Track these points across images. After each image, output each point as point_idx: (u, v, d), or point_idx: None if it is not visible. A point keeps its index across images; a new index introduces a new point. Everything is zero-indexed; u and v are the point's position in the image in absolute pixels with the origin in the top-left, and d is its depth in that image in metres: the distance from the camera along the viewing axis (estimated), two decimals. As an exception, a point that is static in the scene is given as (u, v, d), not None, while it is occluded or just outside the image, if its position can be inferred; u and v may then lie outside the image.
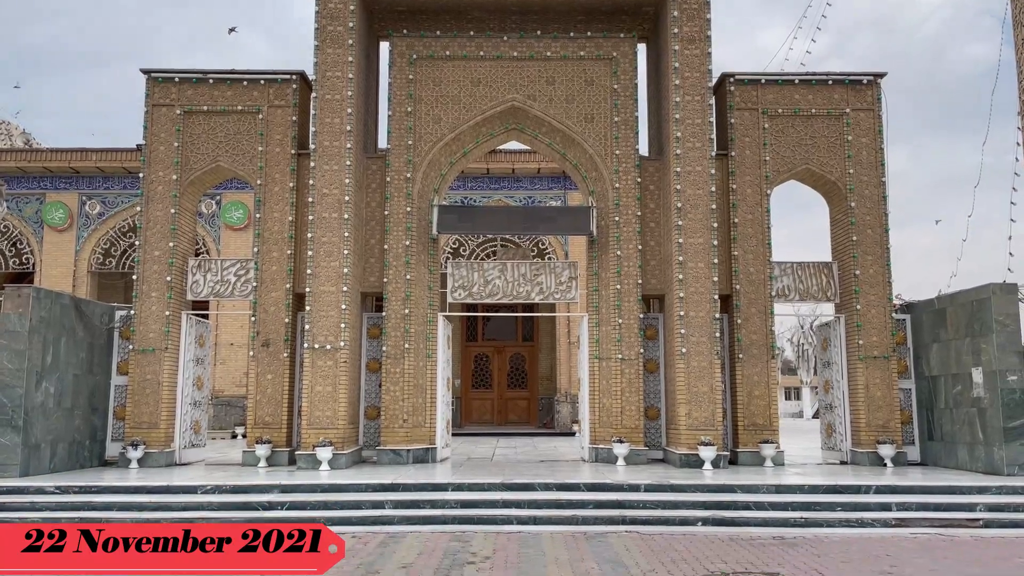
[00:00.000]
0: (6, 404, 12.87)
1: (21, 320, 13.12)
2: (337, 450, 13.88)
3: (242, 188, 25.08)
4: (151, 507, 11.07)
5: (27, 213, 26.21)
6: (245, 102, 15.66)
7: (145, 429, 14.73)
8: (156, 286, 15.22)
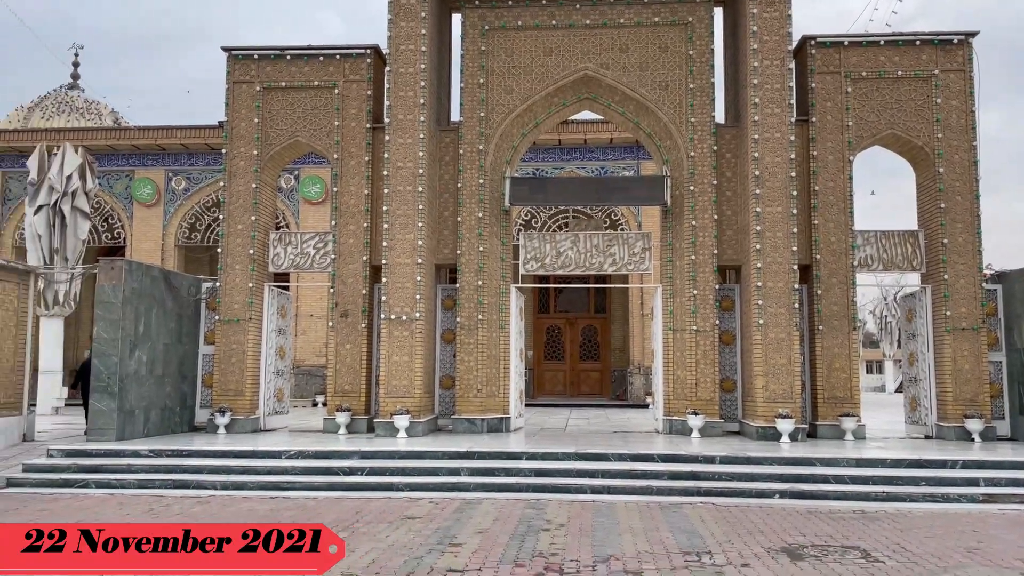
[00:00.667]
0: (102, 372, 13.56)
1: (115, 291, 13.76)
2: (414, 418, 14.18)
3: (319, 163, 25.59)
4: (238, 470, 11.54)
5: (117, 189, 27.36)
6: (322, 77, 15.93)
7: (231, 396, 15.32)
8: (239, 259, 15.72)
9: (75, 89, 37.70)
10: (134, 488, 11.05)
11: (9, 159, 27.59)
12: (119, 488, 11.06)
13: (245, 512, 9.49)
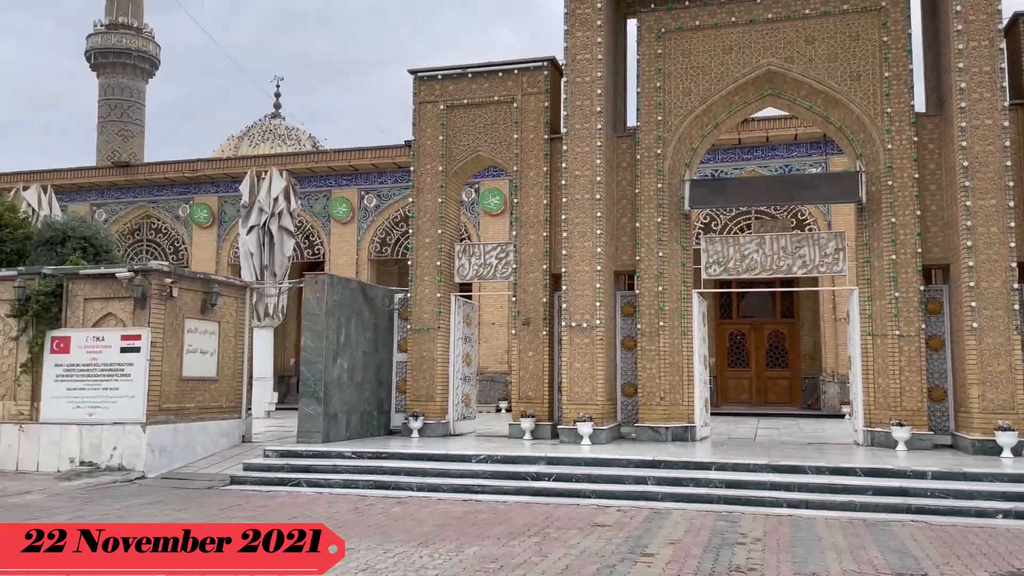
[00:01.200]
0: (309, 378, 14.63)
1: (319, 303, 14.81)
2: (597, 425, 14.20)
3: (498, 175, 26.30)
4: (432, 473, 12.05)
5: (316, 208, 29.48)
6: (501, 92, 16.38)
7: (423, 402, 16.04)
8: (428, 270, 16.45)
9: (277, 118, 41.13)
10: (340, 488, 11.83)
11: (224, 185, 30.46)
12: (327, 488, 11.88)
13: (441, 513, 9.89)
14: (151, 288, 13.77)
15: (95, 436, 13.60)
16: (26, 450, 13.94)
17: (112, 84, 46.50)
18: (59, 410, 13.92)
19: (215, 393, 15.20)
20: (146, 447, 13.34)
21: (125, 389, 13.66)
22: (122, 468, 13.28)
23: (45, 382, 14.08)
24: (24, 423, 14.02)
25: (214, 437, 14.97)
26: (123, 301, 13.95)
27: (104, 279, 14.13)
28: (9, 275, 14.50)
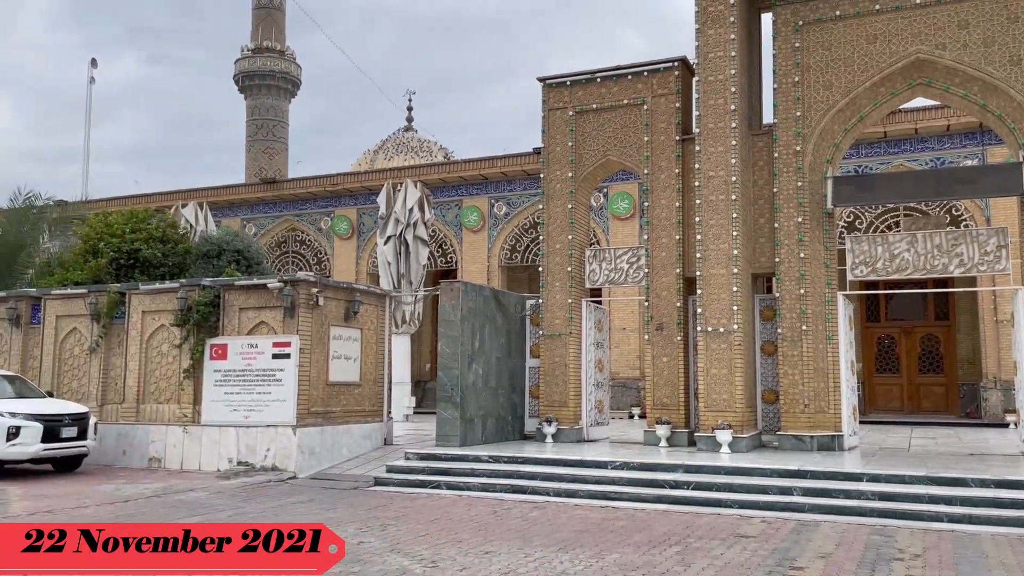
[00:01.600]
0: (446, 383, 14.97)
1: (454, 310, 15.15)
2: (736, 433, 13.78)
3: (627, 179, 26.09)
4: (568, 479, 12.06)
5: (448, 218, 30.21)
6: (630, 95, 16.24)
7: (556, 407, 16.09)
8: (558, 276, 16.50)
9: (410, 131, 42.48)
10: (478, 491, 12.03)
11: (362, 197, 31.72)
12: (465, 491, 12.11)
13: (579, 519, 9.88)
14: (299, 297, 14.50)
15: (250, 438, 14.45)
16: (189, 450, 14.97)
17: (258, 105, 49.45)
18: (218, 413, 14.88)
19: (358, 397, 15.83)
20: (296, 448, 14.05)
21: (277, 393, 14.43)
22: (275, 468, 14.04)
23: (205, 387, 15.08)
24: (187, 425, 15.06)
25: (358, 439, 15.58)
26: (274, 310, 14.76)
27: (256, 289, 15.00)
28: (172, 287, 15.64)
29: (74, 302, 16.56)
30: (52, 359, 16.68)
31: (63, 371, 16.61)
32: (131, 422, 15.61)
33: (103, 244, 17.93)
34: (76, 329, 16.55)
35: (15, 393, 14.46)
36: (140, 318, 15.87)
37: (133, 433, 15.48)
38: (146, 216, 18.92)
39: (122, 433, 15.54)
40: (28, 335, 17.09)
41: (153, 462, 15.17)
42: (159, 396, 15.57)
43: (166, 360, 15.61)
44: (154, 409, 15.55)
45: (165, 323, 15.64)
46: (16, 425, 13.12)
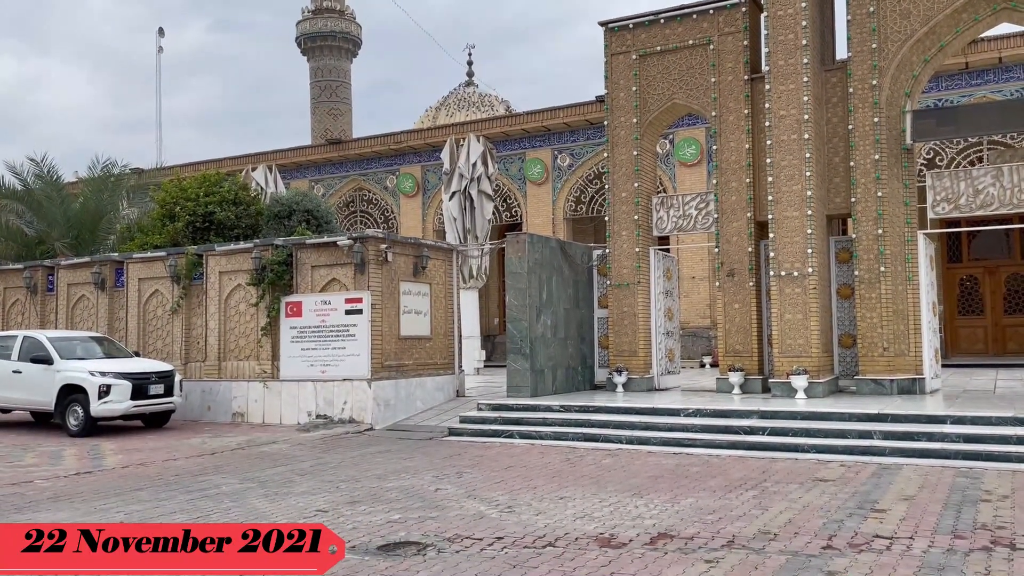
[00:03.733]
0: (515, 335, 15.05)
1: (520, 263, 15.15)
2: (812, 378, 13.52)
3: (693, 124, 25.49)
4: (640, 427, 12.05)
5: (512, 171, 30.09)
6: (695, 35, 15.75)
7: (626, 356, 16.03)
8: (625, 225, 16.31)
9: (471, 86, 42.26)
10: (550, 440, 12.15)
11: (426, 154, 31.82)
12: (537, 439, 12.24)
13: (652, 465, 9.89)
14: (368, 254, 14.70)
15: (328, 391, 14.85)
16: (270, 404, 15.48)
17: (321, 66, 49.80)
18: (295, 368, 15.31)
19: (430, 351, 16.06)
20: (372, 401, 14.38)
21: (351, 348, 14.76)
22: (352, 420, 14.42)
23: (282, 343, 15.51)
24: (267, 380, 15.55)
25: (431, 392, 15.85)
26: (345, 267, 15.02)
27: (327, 247, 15.26)
28: (247, 247, 16.03)
29: (154, 265, 17.15)
30: (137, 320, 17.37)
31: (148, 331, 17.30)
32: (214, 379, 16.19)
33: (179, 208, 18.44)
34: (158, 291, 17.17)
35: (104, 353, 15.14)
36: (217, 279, 16.36)
37: (216, 389, 16.07)
38: (218, 180, 19.35)
39: (206, 390, 16.15)
40: (113, 298, 17.81)
41: (236, 417, 15.75)
42: (239, 353, 16.09)
43: (244, 319, 16.08)
44: (235, 366, 16.09)
45: (241, 283, 16.08)
46: (107, 384, 13.76)
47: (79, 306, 18.33)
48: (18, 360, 14.80)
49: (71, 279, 18.40)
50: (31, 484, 9.43)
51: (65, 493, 8.84)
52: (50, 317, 18.62)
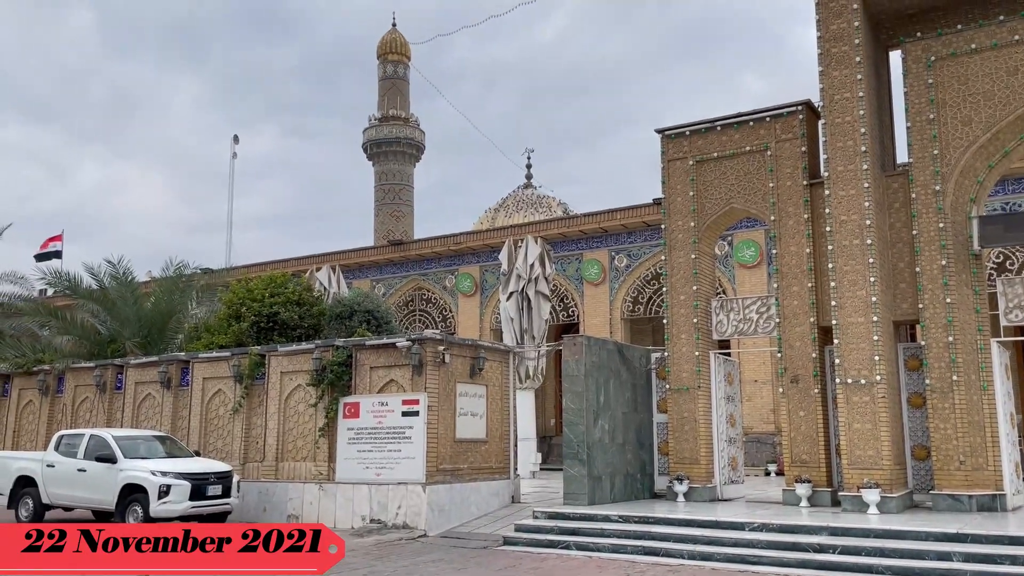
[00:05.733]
0: (572, 440, 14.80)
1: (578, 365, 15.04)
2: (885, 492, 12.90)
3: (751, 226, 25.48)
4: (703, 540, 11.57)
5: (569, 272, 30.31)
6: (752, 142, 15.91)
7: (687, 464, 15.57)
8: (684, 328, 16.14)
9: (529, 187, 43.21)
10: (608, 552, 11.73)
11: (483, 255, 32.35)
12: (595, 551, 11.83)
13: (716, 585, 9.45)
14: (426, 355, 14.79)
15: (382, 495, 14.71)
16: (325, 507, 15.38)
17: (385, 170, 51.69)
18: (351, 470, 15.26)
19: (485, 454, 15.88)
20: (426, 506, 14.18)
21: (406, 451, 14.68)
22: (406, 526, 14.20)
23: (339, 444, 15.53)
24: (323, 482, 15.51)
25: (486, 497, 15.57)
26: (402, 368, 15.12)
27: (386, 348, 15.43)
28: (308, 348, 16.31)
29: (219, 365, 17.54)
30: (199, 419, 17.66)
31: (209, 431, 17.54)
32: (271, 479, 16.23)
33: (245, 308, 18.97)
34: (221, 390, 17.49)
35: (166, 453, 15.35)
36: (279, 379, 16.61)
37: (273, 490, 16.07)
38: (284, 280, 19.93)
39: (263, 490, 16.17)
40: (178, 397, 18.19)
41: (291, 519, 15.65)
42: (296, 454, 16.15)
43: (303, 419, 16.21)
44: (292, 467, 16.12)
45: (301, 383, 16.28)
46: (167, 484, 13.89)
47: (145, 404, 18.75)
48: (83, 459, 15.10)
49: (139, 377, 18.91)
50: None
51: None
52: (116, 415, 19.07)
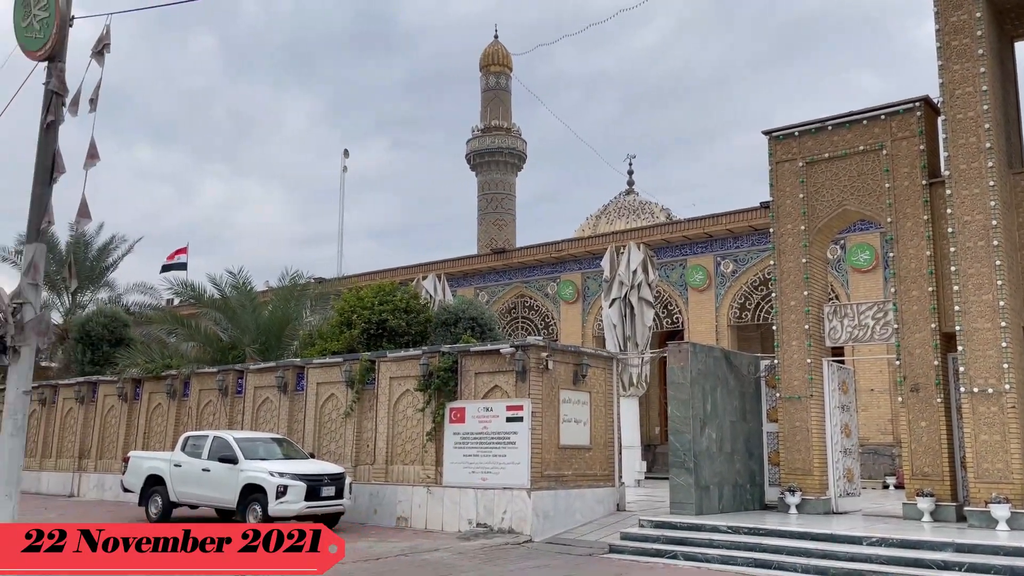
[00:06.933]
0: (678, 448, 14.59)
1: (683, 372, 14.82)
2: (1015, 508, 12.15)
3: (866, 229, 24.48)
4: (818, 554, 11.18)
5: (673, 278, 29.88)
6: (866, 141, 15.32)
7: (799, 475, 15.08)
8: (795, 335, 15.66)
9: (631, 194, 42.88)
10: (717, 563, 11.50)
11: (585, 262, 32.30)
12: (704, 562, 11.62)
13: (832, 600, 9.11)
14: (529, 362, 14.90)
15: (488, 500, 14.89)
16: (432, 510, 15.69)
17: (488, 180, 52.41)
18: (457, 475, 15.51)
19: (589, 461, 15.84)
20: (531, 512, 14.26)
21: (511, 456, 14.81)
22: (512, 531, 14.32)
23: (445, 449, 15.82)
24: (430, 486, 15.84)
25: (590, 504, 15.53)
26: (506, 374, 15.27)
27: (490, 355, 15.63)
28: (415, 354, 16.70)
29: (331, 370, 18.18)
30: (313, 422, 18.35)
31: (323, 433, 18.19)
32: (380, 482, 16.68)
33: (355, 316, 19.59)
34: (333, 395, 18.12)
35: (283, 454, 16.02)
36: (388, 384, 17.08)
37: (382, 493, 16.52)
38: (392, 289, 20.48)
39: (373, 492, 16.64)
40: (294, 401, 18.96)
41: (400, 521, 16.06)
42: (405, 457, 16.55)
43: (411, 423, 16.60)
44: (400, 470, 16.53)
45: (409, 388, 16.69)
46: (284, 484, 14.49)
47: (263, 408, 19.63)
48: (207, 459, 15.94)
49: (257, 382, 19.82)
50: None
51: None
52: (237, 418, 20.04)
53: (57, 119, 8.52)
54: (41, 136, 8.53)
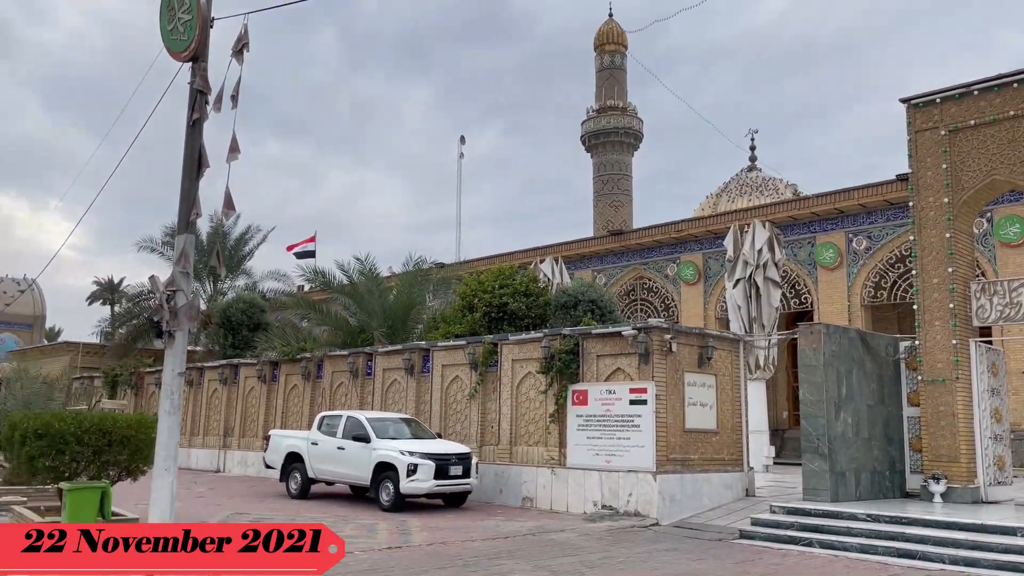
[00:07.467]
0: (811, 433, 14.06)
1: (816, 355, 14.25)
2: None
3: (1015, 200, 22.78)
4: (967, 545, 10.55)
5: (801, 257, 28.73)
6: (1017, 105, 14.18)
7: (944, 462, 14.25)
8: (938, 314, 14.75)
9: (753, 170, 41.49)
10: (856, 552, 11.03)
11: (707, 241, 31.52)
12: (841, 551, 11.17)
13: (986, 595, 8.57)
14: (652, 344, 14.70)
15: (612, 482, 14.84)
16: (557, 491, 15.79)
17: (604, 161, 51.91)
18: (581, 457, 15.53)
19: (716, 445, 15.51)
20: (657, 495, 14.11)
21: (635, 439, 14.70)
22: (637, 514, 14.23)
23: (569, 431, 15.86)
24: (555, 467, 15.93)
25: (718, 489, 15.22)
26: (629, 357, 15.14)
27: (612, 337, 15.53)
28: (536, 337, 16.80)
29: (455, 353, 18.55)
30: (439, 404, 18.79)
31: (448, 414, 18.62)
32: (505, 463, 16.92)
33: (477, 300, 19.90)
34: (458, 377, 18.50)
35: (412, 434, 16.50)
36: (510, 366, 17.26)
37: (507, 473, 16.76)
38: (511, 272, 20.66)
39: (498, 473, 16.90)
40: (420, 382, 19.47)
41: (526, 501, 16.25)
42: (528, 439, 16.71)
43: (533, 405, 16.74)
44: (524, 451, 16.71)
45: (531, 371, 16.81)
46: (414, 463, 14.93)
47: (391, 389, 20.27)
48: (342, 438, 16.61)
49: (385, 364, 20.47)
50: (352, 555, 10.36)
51: (380, 566, 9.63)
52: (367, 398, 20.78)
53: (202, 116, 9.01)
54: (188, 133, 9.04)
